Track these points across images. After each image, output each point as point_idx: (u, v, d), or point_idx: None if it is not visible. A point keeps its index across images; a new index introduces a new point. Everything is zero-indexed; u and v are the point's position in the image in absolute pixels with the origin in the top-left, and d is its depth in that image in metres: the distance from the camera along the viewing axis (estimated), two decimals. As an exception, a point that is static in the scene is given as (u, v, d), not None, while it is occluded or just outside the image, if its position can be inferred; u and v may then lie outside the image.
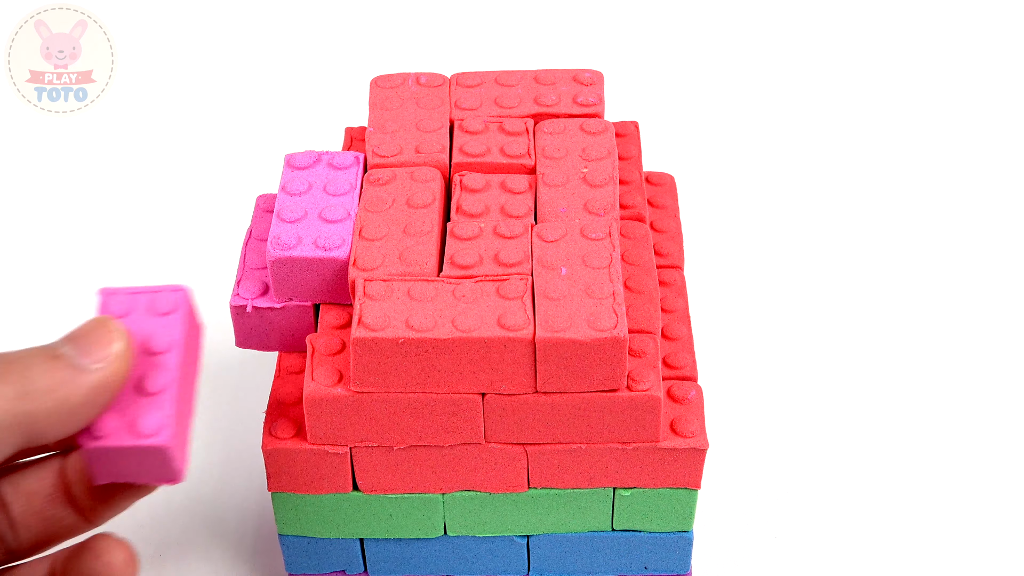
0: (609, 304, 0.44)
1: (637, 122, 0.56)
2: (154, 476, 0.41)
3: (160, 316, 0.42)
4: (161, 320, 0.42)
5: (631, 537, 0.50)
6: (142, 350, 0.41)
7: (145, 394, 0.40)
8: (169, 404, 0.40)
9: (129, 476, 0.41)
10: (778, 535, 0.55)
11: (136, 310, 0.42)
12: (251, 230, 0.52)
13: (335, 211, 0.48)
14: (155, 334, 0.41)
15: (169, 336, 0.41)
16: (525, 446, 0.47)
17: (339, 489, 0.48)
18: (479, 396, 0.45)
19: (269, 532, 0.55)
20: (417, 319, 0.44)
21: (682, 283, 0.52)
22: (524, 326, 0.44)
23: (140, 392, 0.40)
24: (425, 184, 0.49)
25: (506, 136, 0.51)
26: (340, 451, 0.47)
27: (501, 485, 0.48)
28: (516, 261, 0.46)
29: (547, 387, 0.45)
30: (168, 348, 0.41)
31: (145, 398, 0.40)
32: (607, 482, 0.48)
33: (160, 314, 0.42)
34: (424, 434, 0.46)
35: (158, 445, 0.39)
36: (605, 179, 0.49)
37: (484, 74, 0.54)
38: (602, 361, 0.44)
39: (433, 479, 0.48)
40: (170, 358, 0.41)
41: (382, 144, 0.51)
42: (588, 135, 0.51)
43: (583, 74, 0.54)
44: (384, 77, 0.54)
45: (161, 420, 0.39)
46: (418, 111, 0.53)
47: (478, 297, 0.45)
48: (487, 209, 0.49)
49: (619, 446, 0.47)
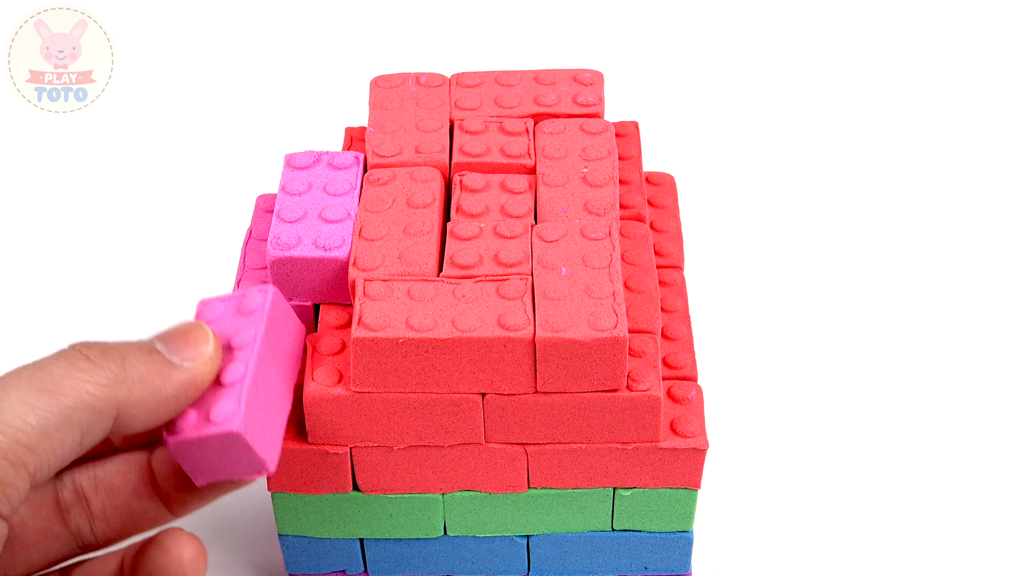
0: (609, 304, 0.44)
1: (637, 122, 0.56)
2: (244, 469, 0.42)
3: (245, 315, 0.43)
4: (245, 318, 0.43)
5: (631, 537, 0.50)
6: (224, 347, 0.43)
7: (221, 386, 0.42)
8: (243, 394, 0.41)
9: (222, 472, 0.42)
10: (778, 535, 0.55)
11: (226, 313, 0.44)
12: (251, 230, 0.52)
13: (335, 211, 0.48)
14: (238, 331, 0.43)
15: (250, 332, 0.43)
16: (525, 446, 0.47)
17: (339, 489, 0.48)
18: (479, 396, 0.45)
19: (269, 532, 0.55)
20: (417, 319, 0.44)
21: (682, 283, 0.52)
22: (524, 326, 0.44)
23: (217, 385, 0.42)
24: (425, 184, 0.49)
25: (506, 136, 0.51)
26: (340, 451, 0.47)
27: (501, 485, 0.48)
28: (516, 261, 0.46)
29: (547, 387, 0.45)
30: (247, 343, 0.43)
31: (221, 389, 0.42)
32: (607, 482, 0.48)
33: (245, 313, 0.44)
34: (424, 434, 0.46)
35: (230, 431, 0.40)
36: (605, 179, 0.49)
37: (484, 74, 0.54)
38: (602, 361, 0.44)
39: (433, 479, 0.48)
40: (248, 352, 0.42)
41: (382, 144, 0.51)
42: (588, 135, 0.51)
43: (583, 74, 0.54)
44: (384, 77, 0.54)
45: (233, 408, 0.41)
46: (418, 111, 0.53)
47: (478, 297, 0.45)
48: (487, 209, 0.49)
49: (619, 446, 0.47)
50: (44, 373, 0.39)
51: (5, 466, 0.37)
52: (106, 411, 0.40)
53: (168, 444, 0.41)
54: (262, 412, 0.42)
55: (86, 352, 0.40)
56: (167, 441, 0.41)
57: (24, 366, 0.39)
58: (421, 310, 0.44)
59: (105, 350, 0.40)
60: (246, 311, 0.44)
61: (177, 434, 0.41)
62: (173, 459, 0.43)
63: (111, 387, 0.39)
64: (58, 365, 0.39)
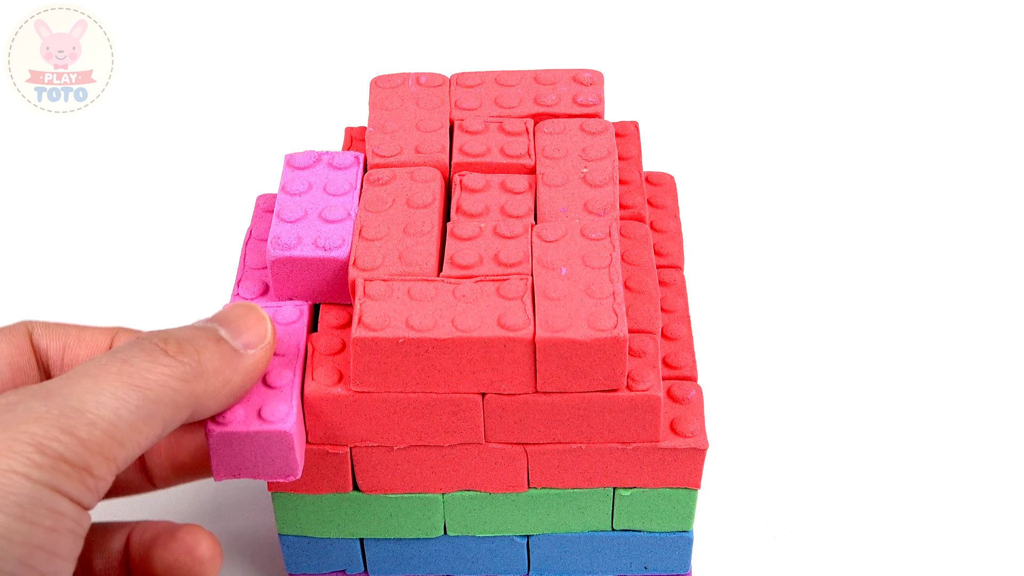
0: (609, 304, 0.44)
1: (637, 122, 0.56)
2: (273, 471, 0.44)
3: (285, 324, 0.46)
4: (284, 327, 0.46)
5: (631, 537, 0.50)
6: None
7: (271, 387, 0.44)
8: (293, 397, 0.44)
9: (249, 471, 0.44)
10: (778, 535, 0.55)
11: None
12: (251, 230, 0.52)
13: (335, 211, 0.48)
14: (281, 340, 0.46)
15: (292, 341, 0.46)
16: (525, 446, 0.47)
17: (339, 489, 0.48)
18: (479, 396, 0.45)
19: (269, 532, 0.55)
20: (417, 319, 0.44)
21: (682, 283, 0.52)
22: (524, 326, 0.44)
23: (266, 385, 0.44)
24: (425, 184, 0.49)
25: (506, 136, 0.51)
26: (340, 451, 0.47)
27: (501, 485, 0.48)
28: (516, 261, 0.46)
29: (547, 387, 0.45)
30: (291, 351, 0.45)
31: (269, 390, 0.44)
32: (607, 482, 0.48)
33: (285, 323, 0.46)
34: (424, 434, 0.46)
35: (282, 431, 0.43)
36: (605, 179, 0.49)
37: (484, 74, 0.54)
38: (602, 361, 0.44)
39: (433, 479, 0.48)
40: (294, 361, 0.45)
41: (382, 144, 0.51)
42: (588, 135, 0.51)
43: (583, 74, 0.54)
44: (384, 77, 0.54)
45: (285, 410, 0.43)
46: (418, 111, 0.53)
47: (478, 297, 0.45)
48: (487, 209, 0.49)
49: (619, 446, 0.47)
50: (131, 367, 0.40)
51: (101, 462, 0.38)
52: (185, 405, 0.41)
53: (212, 434, 0.43)
54: (299, 420, 0.45)
55: (163, 346, 0.41)
56: (211, 431, 0.43)
57: (107, 358, 0.40)
58: (421, 310, 0.44)
59: (181, 344, 0.41)
60: (285, 322, 0.46)
61: (225, 426, 0.42)
62: (164, 440, 0.43)
63: (191, 382, 0.41)
64: (141, 359, 0.40)
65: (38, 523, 0.37)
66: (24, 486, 0.37)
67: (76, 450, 0.38)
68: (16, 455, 0.37)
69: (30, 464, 0.37)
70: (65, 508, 0.38)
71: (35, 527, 0.37)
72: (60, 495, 0.37)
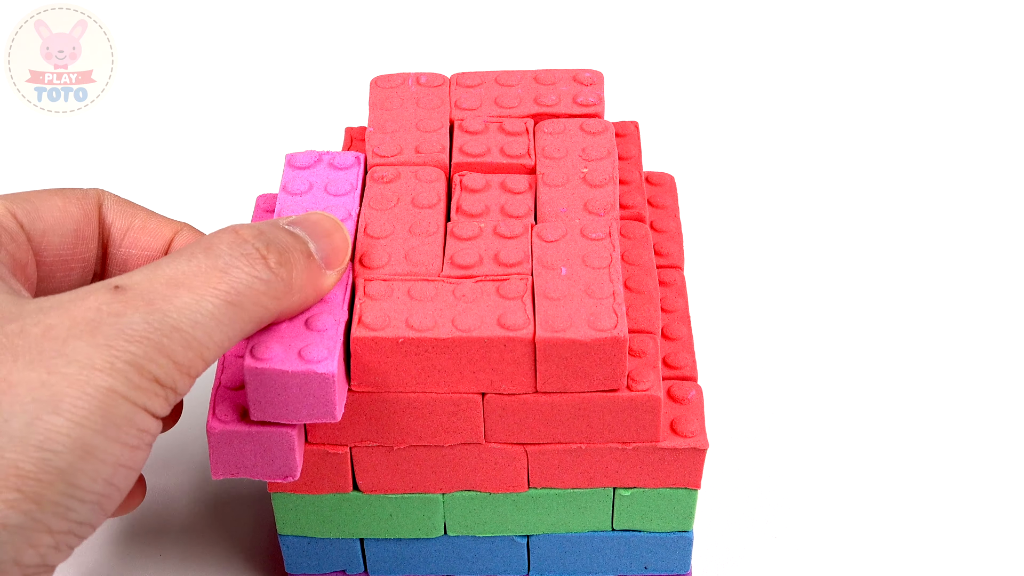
0: (609, 304, 0.44)
1: (637, 122, 0.56)
2: (271, 471, 0.44)
3: None
4: None
5: (631, 537, 0.50)
6: None
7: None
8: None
9: (246, 470, 0.44)
10: (778, 535, 0.55)
11: None
12: (251, 230, 0.52)
13: (336, 211, 0.48)
14: None
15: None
16: (525, 446, 0.47)
17: (339, 489, 0.48)
18: (479, 396, 0.45)
19: (269, 532, 0.55)
20: (417, 319, 0.44)
21: (682, 283, 0.52)
22: (524, 326, 0.44)
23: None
24: (430, 184, 0.49)
25: (506, 136, 0.51)
26: (340, 451, 0.47)
27: (501, 485, 0.48)
28: (516, 261, 0.46)
29: (547, 387, 0.45)
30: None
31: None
32: (607, 482, 0.48)
33: None
34: (424, 434, 0.46)
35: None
36: (605, 179, 0.49)
37: (484, 74, 0.54)
38: (602, 361, 0.44)
39: (433, 479, 0.48)
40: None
41: (382, 144, 0.51)
42: (588, 135, 0.51)
43: (583, 74, 0.54)
44: (384, 77, 0.54)
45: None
46: (418, 111, 0.53)
47: (478, 297, 0.45)
48: (487, 209, 0.49)
49: (619, 446, 0.47)
50: (230, 279, 0.39)
51: (187, 381, 0.38)
52: (268, 321, 0.41)
53: (212, 432, 0.42)
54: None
55: (265, 254, 0.40)
56: (212, 429, 0.42)
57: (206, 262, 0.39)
58: (421, 310, 0.44)
59: (281, 256, 0.41)
60: None
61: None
62: None
63: (280, 299, 0.40)
64: (242, 268, 0.40)
65: (126, 443, 0.37)
66: (122, 407, 0.36)
67: (170, 372, 0.38)
68: (117, 374, 0.36)
69: (129, 385, 0.36)
70: (149, 426, 0.38)
71: (124, 447, 0.37)
72: (148, 414, 0.37)
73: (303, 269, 0.41)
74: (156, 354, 0.37)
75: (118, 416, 0.36)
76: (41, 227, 0.43)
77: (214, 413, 0.43)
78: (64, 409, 0.35)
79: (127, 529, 0.55)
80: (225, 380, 0.44)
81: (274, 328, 0.42)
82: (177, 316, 0.38)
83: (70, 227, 0.44)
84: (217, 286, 0.39)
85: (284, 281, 0.41)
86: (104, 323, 0.37)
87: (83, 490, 0.36)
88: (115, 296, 0.38)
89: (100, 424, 0.36)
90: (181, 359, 0.38)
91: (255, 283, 0.40)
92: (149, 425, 0.38)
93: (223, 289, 0.39)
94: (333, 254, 0.43)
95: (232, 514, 0.56)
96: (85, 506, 0.36)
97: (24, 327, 0.37)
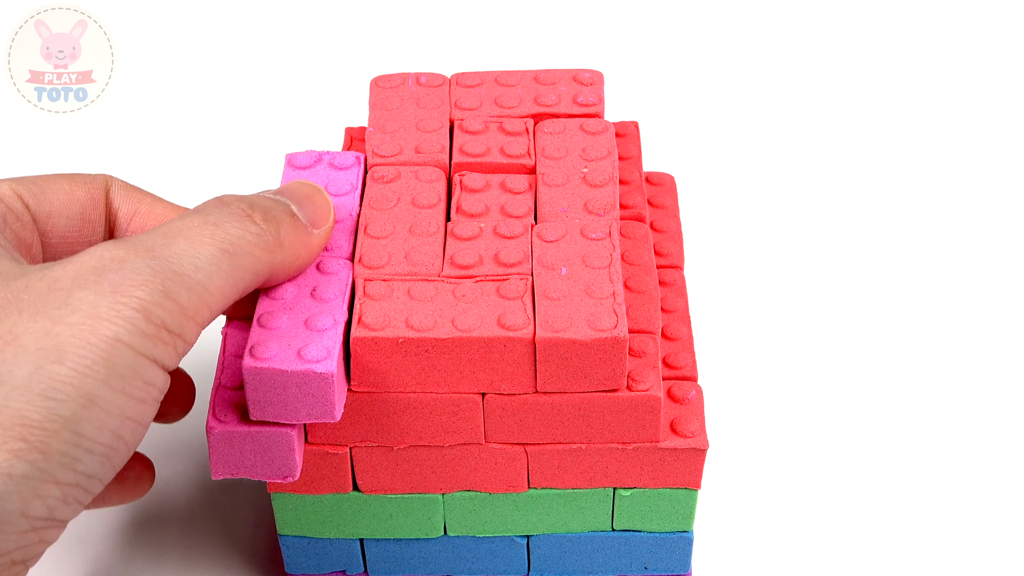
0: (609, 304, 0.44)
1: (637, 122, 0.56)
2: (270, 471, 0.44)
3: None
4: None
5: (631, 537, 0.50)
6: None
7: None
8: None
9: (246, 469, 0.43)
10: (778, 535, 0.55)
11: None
12: (251, 230, 0.52)
13: (336, 211, 0.48)
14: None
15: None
16: (525, 446, 0.47)
17: (339, 489, 0.48)
18: (479, 396, 0.45)
19: (269, 532, 0.55)
20: (417, 319, 0.44)
21: (682, 283, 0.52)
22: (524, 326, 0.44)
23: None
24: (431, 184, 0.49)
25: (506, 136, 0.51)
26: (340, 451, 0.47)
27: (501, 485, 0.48)
28: (516, 261, 0.46)
29: (547, 387, 0.45)
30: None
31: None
32: (607, 482, 0.48)
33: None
34: (424, 434, 0.46)
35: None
36: (605, 179, 0.49)
37: (484, 74, 0.54)
38: (602, 361, 0.44)
39: (433, 479, 0.48)
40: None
41: (382, 144, 0.51)
42: (588, 135, 0.51)
43: (583, 74, 0.54)
44: (384, 77, 0.54)
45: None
46: (418, 111, 0.53)
47: (478, 297, 0.45)
48: (487, 209, 0.49)
49: (619, 446, 0.47)
50: (222, 232, 0.40)
51: (193, 327, 0.38)
52: (264, 274, 0.41)
53: (212, 432, 0.42)
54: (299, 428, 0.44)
55: (250, 212, 0.41)
56: (212, 428, 0.42)
57: (197, 219, 0.40)
58: (421, 310, 0.44)
59: (266, 213, 0.41)
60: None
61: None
62: None
63: (272, 252, 0.41)
64: (231, 223, 0.40)
65: (133, 395, 0.37)
66: (128, 357, 0.36)
67: (176, 317, 0.38)
68: (124, 322, 0.36)
69: (135, 332, 0.36)
70: (156, 378, 0.38)
71: (130, 399, 0.37)
72: (156, 365, 0.37)
73: (290, 227, 0.42)
74: (162, 298, 0.37)
75: (123, 367, 0.36)
76: (47, 209, 0.43)
77: (213, 413, 0.43)
78: (68, 358, 0.35)
79: (127, 529, 0.55)
80: (225, 380, 0.44)
81: (274, 328, 0.42)
82: (178, 261, 0.38)
83: (76, 210, 0.44)
84: (212, 236, 0.40)
85: (273, 235, 0.41)
86: (108, 269, 0.37)
87: (89, 440, 0.36)
88: (117, 244, 0.38)
89: (104, 374, 0.36)
90: (186, 303, 0.38)
91: (246, 234, 0.40)
92: (156, 378, 0.38)
93: (218, 238, 0.40)
94: (316, 214, 0.44)
95: (232, 514, 0.56)
96: (92, 458, 0.36)
97: (30, 283, 0.37)
